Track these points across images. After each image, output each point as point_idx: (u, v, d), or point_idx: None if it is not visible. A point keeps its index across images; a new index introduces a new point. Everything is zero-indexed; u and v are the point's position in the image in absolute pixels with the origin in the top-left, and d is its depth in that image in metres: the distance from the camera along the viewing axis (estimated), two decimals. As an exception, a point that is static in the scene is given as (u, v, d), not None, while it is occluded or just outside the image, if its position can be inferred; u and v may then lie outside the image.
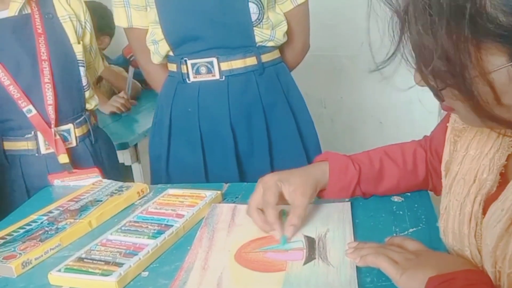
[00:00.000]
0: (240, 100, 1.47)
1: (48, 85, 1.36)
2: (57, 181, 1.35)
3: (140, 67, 1.70)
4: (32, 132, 1.38)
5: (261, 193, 0.97)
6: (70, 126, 1.44)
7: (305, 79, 2.72)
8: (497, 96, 0.55)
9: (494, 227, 0.66)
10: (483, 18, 0.49)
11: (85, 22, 1.49)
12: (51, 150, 1.40)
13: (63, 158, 1.39)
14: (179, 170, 1.55)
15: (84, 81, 1.47)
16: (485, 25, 0.49)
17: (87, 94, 1.49)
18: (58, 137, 1.39)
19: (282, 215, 0.99)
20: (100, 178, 1.33)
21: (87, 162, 1.46)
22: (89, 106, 1.51)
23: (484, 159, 0.74)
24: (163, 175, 1.56)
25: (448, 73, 0.54)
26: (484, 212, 0.72)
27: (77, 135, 1.45)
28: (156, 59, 1.52)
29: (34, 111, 1.36)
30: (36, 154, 1.40)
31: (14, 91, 1.33)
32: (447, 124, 0.84)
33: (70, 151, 1.43)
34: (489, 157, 0.74)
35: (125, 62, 2.86)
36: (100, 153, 1.53)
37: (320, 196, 1.04)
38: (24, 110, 1.35)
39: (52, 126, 1.38)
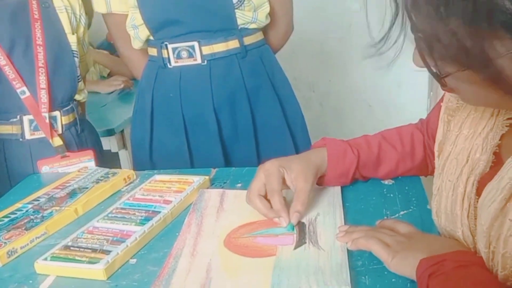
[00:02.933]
0: (223, 84, 1.45)
1: (42, 69, 1.37)
2: (45, 167, 1.34)
3: (120, 54, 1.67)
4: (18, 117, 1.38)
5: (263, 180, 0.96)
6: (57, 113, 1.42)
7: (293, 63, 2.70)
8: None
9: (489, 207, 0.65)
10: (492, 7, 0.48)
11: (79, 16, 1.49)
12: (36, 136, 1.39)
13: (57, 141, 1.39)
14: (163, 156, 1.53)
15: (78, 72, 1.47)
16: (494, 13, 0.49)
17: (79, 85, 1.48)
18: (47, 121, 1.38)
19: None
20: (93, 162, 1.34)
21: (71, 149, 1.44)
22: (78, 97, 1.50)
23: (477, 139, 0.73)
24: (147, 162, 1.55)
25: (463, 57, 0.53)
26: (477, 193, 0.71)
27: (63, 123, 1.44)
28: (136, 44, 1.49)
29: (28, 93, 1.36)
30: (20, 139, 1.39)
31: (9, 72, 1.34)
32: (441, 104, 0.83)
33: None
34: (482, 136, 0.73)
35: (109, 47, 2.83)
36: (86, 143, 1.52)
37: (319, 184, 1.02)
38: (18, 91, 1.35)
39: (45, 110, 1.38)
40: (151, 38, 1.45)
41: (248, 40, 1.46)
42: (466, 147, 0.74)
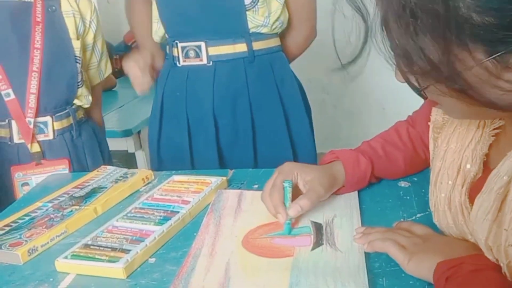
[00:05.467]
0: (225, 87, 1.45)
1: (35, 74, 1.34)
2: (19, 174, 1.34)
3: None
4: (6, 120, 1.36)
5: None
6: (48, 118, 1.39)
7: (307, 66, 2.70)
8: (484, 86, 0.55)
9: (484, 220, 0.66)
10: (459, 20, 0.50)
11: (90, 22, 1.46)
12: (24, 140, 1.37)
13: (35, 147, 1.37)
14: (168, 155, 1.54)
15: (78, 78, 1.43)
16: (461, 27, 0.50)
17: (79, 91, 1.44)
18: (31, 126, 1.36)
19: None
20: (67, 171, 1.35)
21: (62, 155, 1.42)
22: (79, 102, 1.46)
23: (466, 151, 0.75)
24: (155, 159, 1.56)
25: (433, 72, 0.55)
26: (470, 201, 0.72)
27: (56, 128, 1.41)
28: (156, 36, 1.51)
29: (12, 96, 1.33)
30: (9, 143, 1.38)
31: None
32: (429, 123, 0.85)
33: (46, 144, 1.40)
34: (470, 148, 0.74)
35: (126, 48, 2.85)
36: (83, 148, 1.48)
37: (337, 193, 1.02)
38: (3, 93, 1.33)
39: (31, 115, 1.35)
40: (166, 36, 1.46)
41: (259, 45, 1.44)
42: (456, 160, 0.76)
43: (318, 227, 0.92)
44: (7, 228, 0.99)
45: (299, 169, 0.98)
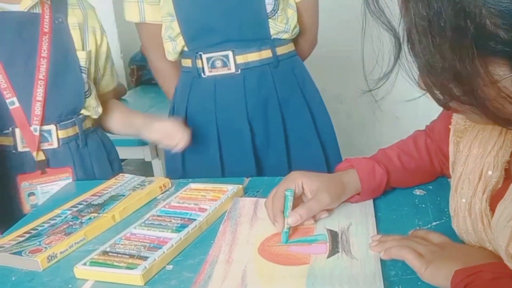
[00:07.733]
0: (256, 93, 1.47)
1: (41, 82, 1.34)
2: (25, 184, 1.35)
3: (151, 66, 1.69)
4: (10, 129, 1.35)
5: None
6: (51, 127, 1.38)
7: (321, 74, 2.70)
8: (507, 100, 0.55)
9: (505, 227, 0.66)
10: (484, 36, 0.50)
11: (101, 31, 1.48)
12: (28, 149, 1.36)
13: (40, 155, 1.37)
14: (195, 166, 1.55)
15: (85, 87, 1.42)
16: (487, 43, 0.50)
17: (87, 101, 1.44)
18: (37, 133, 1.35)
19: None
20: (71, 180, 1.35)
21: (67, 164, 1.41)
22: (87, 112, 1.45)
23: (488, 157, 0.75)
24: (179, 171, 1.57)
25: (457, 86, 0.55)
26: (491, 208, 0.72)
27: (60, 136, 1.40)
28: (171, 56, 1.52)
29: (17, 104, 1.33)
30: (13, 151, 1.36)
31: (1, 81, 1.31)
32: (449, 126, 0.85)
33: (50, 152, 1.38)
34: (492, 154, 0.74)
35: (143, 59, 2.87)
36: (89, 158, 1.47)
37: (354, 201, 1.02)
38: (8, 101, 1.32)
39: (37, 123, 1.35)
40: (186, 49, 1.48)
41: (280, 51, 1.48)
42: (477, 166, 0.76)
43: (333, 235, 0.92)
44: (27, 235, 1.00)
45: (305, 178, 0.98)
